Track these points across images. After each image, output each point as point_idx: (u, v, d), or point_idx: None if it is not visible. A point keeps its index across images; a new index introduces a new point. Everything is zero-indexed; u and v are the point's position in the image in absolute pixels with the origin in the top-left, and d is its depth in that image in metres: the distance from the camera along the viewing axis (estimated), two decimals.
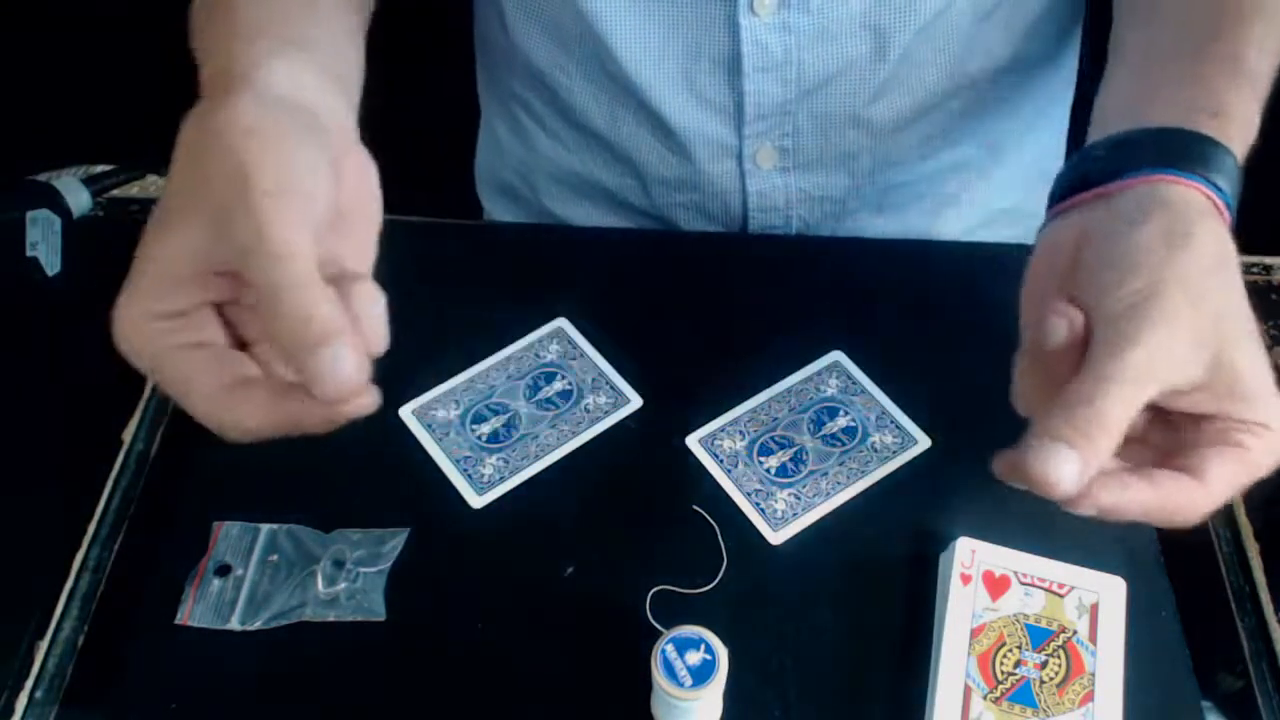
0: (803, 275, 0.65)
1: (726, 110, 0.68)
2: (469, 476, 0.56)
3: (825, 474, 0.56)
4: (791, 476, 0.56)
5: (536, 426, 0.58)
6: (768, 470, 0.56)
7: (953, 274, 0.65)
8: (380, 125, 0.53)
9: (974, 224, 0.77)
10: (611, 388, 0.59)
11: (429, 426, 0.58)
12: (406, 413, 0.58)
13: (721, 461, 0.57)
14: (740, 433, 0.58)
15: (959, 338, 0.61)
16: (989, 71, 0.70)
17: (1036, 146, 0.78)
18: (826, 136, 0.69)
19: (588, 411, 0.59)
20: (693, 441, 0.57)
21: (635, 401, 0.59)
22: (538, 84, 0.72)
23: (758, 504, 0.55)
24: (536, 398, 0.59)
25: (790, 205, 0.73)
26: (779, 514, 0.55)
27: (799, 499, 0.55)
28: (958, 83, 0.69)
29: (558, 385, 0.60)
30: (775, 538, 0.54)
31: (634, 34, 0.65)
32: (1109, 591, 0.51)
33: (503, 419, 0.58)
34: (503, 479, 0.56)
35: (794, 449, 0.57)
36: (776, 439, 0.58)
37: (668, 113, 0.68)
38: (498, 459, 0.57)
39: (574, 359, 0.61)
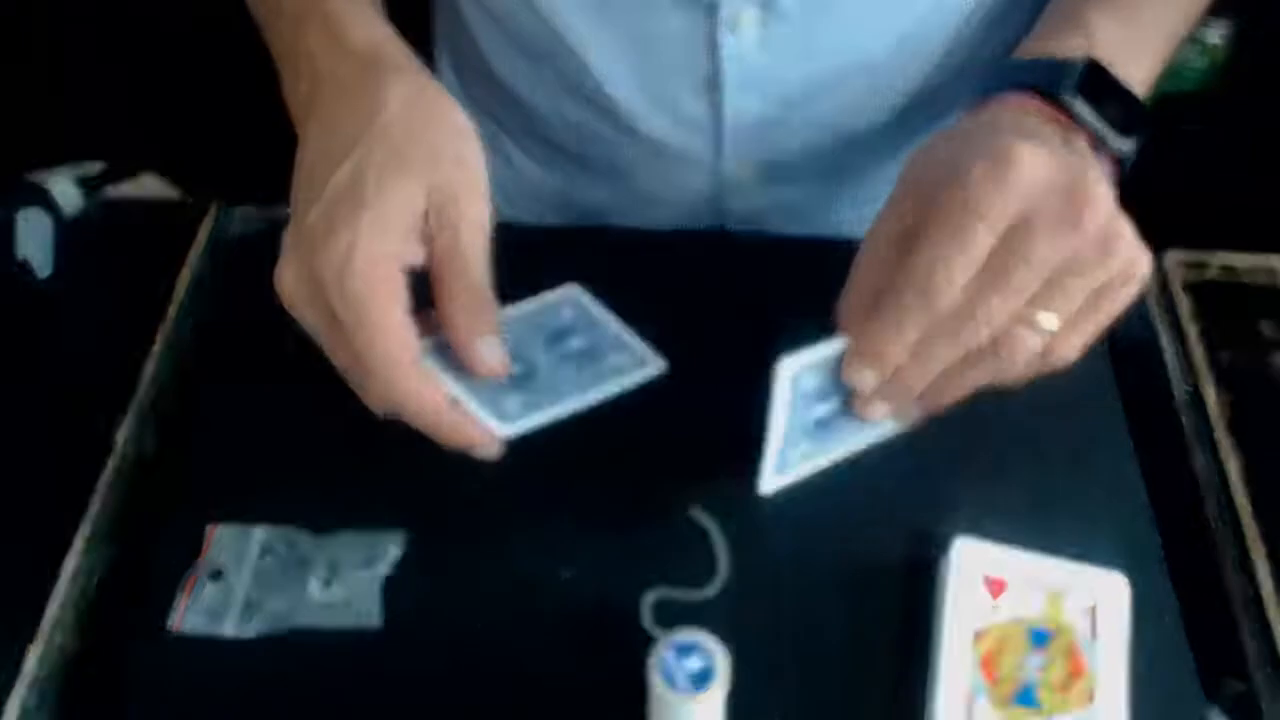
0: (785, 275, 0.64)
1: (705, 128, 0.67)
2: (493, 406, 0.52)
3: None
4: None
5: (557, 374, 0.55)
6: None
7: None
8: None
9: None
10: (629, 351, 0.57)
11: (449, 367, 0.53)
12: (425, 358, 0.53)
13: None
14: None
15: None
16: (966, 76, 0.69)
17: None
18: (806, 149, 0.69)
19: (610, 367, 0.56)
20: None
21: (658, 363, 0.56)
22: (509, 100, 0.71)
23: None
24: (556, 349, 0.56)
25: (769, 218, 0.72)
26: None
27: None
28: (937, 89, 0.69)
29: (575, 343, 0.57)
30: None
31: (609, 52, 0.64)
32: (1110, 590, 0.50)
33: (522, 367, 0.55)
34: (528, 414, 0.53)
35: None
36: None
37: (645, 130, 0.67)
38: (520, 396, 0.54)
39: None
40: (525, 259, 0.66)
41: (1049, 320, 0.45)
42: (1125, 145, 0.50)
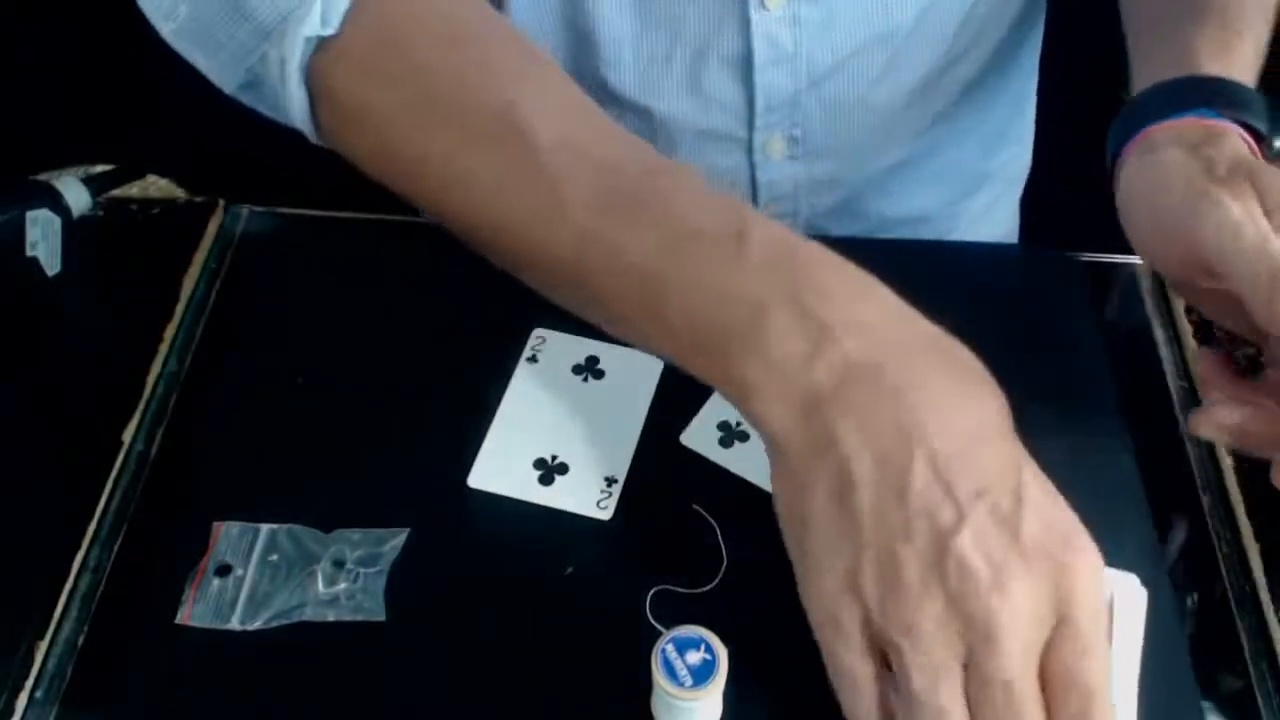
0: None
1: (736, 107, 0.68)
2: None
3: None
4: None
5: None
6: None
7: (954, 275, 0.65)
8: None
9: (960, 193, 0.78)
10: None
11: None
12: None
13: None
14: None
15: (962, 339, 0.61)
16: (981, 40, 0.70)
17: (1009, 103, 0.79)
18: (836, 121, 0.70)
19: None
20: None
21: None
22: None
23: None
24: None
25: (799, 192, 0.73)
26: None
27: None
28: (957, 59, 0.70)
29: None
30: None
31: (638, 40, 0.65)
32: (1122, 590, 0.49)
33: None
34: None
35: None
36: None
37: (675, 114, 0.68)
38: None
39: None
40: None
41: None
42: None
